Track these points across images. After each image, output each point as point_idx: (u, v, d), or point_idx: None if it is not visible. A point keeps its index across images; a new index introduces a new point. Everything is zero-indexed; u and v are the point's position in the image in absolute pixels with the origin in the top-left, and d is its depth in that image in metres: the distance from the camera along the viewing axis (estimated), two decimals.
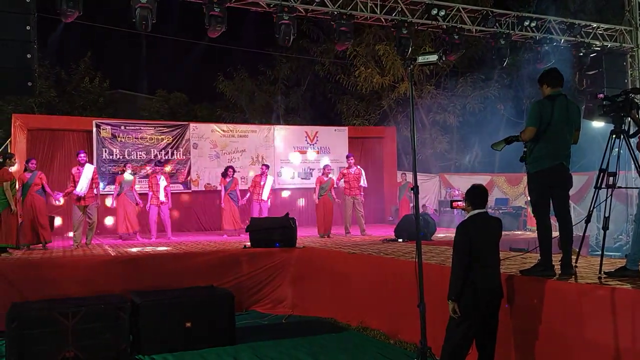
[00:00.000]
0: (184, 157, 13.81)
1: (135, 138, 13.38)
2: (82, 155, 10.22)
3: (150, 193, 11.31)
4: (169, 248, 9.35)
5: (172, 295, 7.05)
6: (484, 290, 4.34)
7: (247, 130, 14.91)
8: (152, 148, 13.51)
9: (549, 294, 4.53)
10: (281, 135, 15.09)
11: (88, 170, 9.97)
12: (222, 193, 11.94)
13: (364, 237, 11.07)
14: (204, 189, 13.94)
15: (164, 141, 13.66)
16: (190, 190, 13.76)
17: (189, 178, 13.78)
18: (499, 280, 4.50)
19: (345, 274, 7.81)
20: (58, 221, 11.89)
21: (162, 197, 11.16)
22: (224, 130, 14.51)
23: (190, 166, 13.81)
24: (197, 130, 14.13)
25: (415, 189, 4.83)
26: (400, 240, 9.64)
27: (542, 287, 4.58)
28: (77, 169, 10.02)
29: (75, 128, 13.42)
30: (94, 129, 13.03)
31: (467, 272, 4.31)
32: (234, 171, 12.08)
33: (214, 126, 14.63)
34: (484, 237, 4.43)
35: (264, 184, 12.05)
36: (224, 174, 11.99)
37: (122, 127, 13.38)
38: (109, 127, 13.23)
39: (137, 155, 13.34)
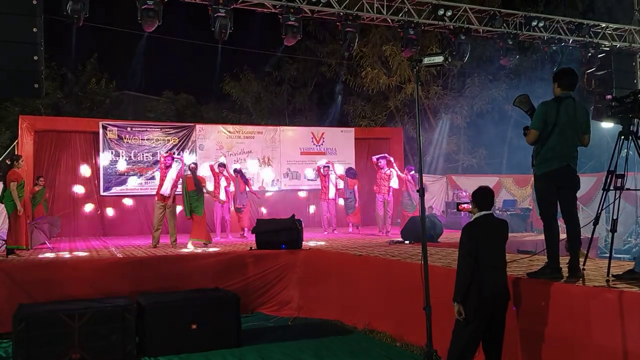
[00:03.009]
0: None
1: (141, 139, 13.45)
2: (168, 158, 10.48)
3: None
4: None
5: (178, 297, 7.08)
6: (490, 292, 4.33)
7: (254, 131, 14.96)
8: (159, 149, 13.55)
9: (556, 296, 4.51)
10: (287, 136, 15.12)
11: (174, 171, 10.26)
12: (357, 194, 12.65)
13: (378, 236, 11.47)
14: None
15: (170, 142, 13.72)
16: None
17: None
18: (505, 282, 4.50)
19: (351, 275, 7.81)
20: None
21: (222, 197, 11.57)
22: (230, 132, 14.55)
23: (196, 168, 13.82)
24: (203, 131, 14.19)
25: (420, 190, 4.83)
26: (407, 242, 9.63)
27: (549, 290, 4.57)
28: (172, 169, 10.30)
29: (82, 129, 13.50)
30: (101, 131, 13.11)
31: (473, 274, 4.31)
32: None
33: (220, 127, 14.69)
34: (490, 239, 4.42)
35: (329, 185, 12.67)
36: (355, 174, 12.89)
37: (129, 129, 13.45)
38: (116, 128, 13.30)
39: (143, 156, 13.41)
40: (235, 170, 12.08)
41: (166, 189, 10.06)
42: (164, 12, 9.55)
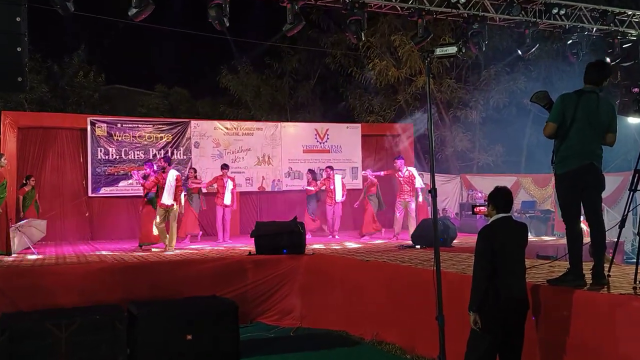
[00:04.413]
0: (185, 156, 13.90)
1: (132, 136, 13.50)
2: (161, 160, 10.78)
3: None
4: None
5: (172, 305, 7.10)
6: (508, 301, 4.33)
7: (253, 127, 14.98)
8: (151, 147, 13.61)
9: (579, 305, 4.51)
10: (289, 132, 15.14)
11: (171, 178, 10.26)
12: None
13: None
14: (205, 191, 14.01)
15: (164, 140, 13.76)
16: None
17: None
18: (524, 290, 4.50)
19: (358, 283, 7.82)
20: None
21: (227, 201, 11.87)
22: (227, 128, 14.58)
23: (191, 167, 13.86)
24: (198, 127, 14.23)
25: (433, 191, 4.84)
26: (418, 246, 9.64)
27: (571, 298, 4.57)
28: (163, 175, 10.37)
29: (69, 126, 13.55)
30: (89, 127, 13.15)
31: (490, 281, 4.31)
32: (313, 172, 13.15)
33: (216, 123, 14.72)
34: (508, 244, 4.42)
35: (334, 187, 12.63)
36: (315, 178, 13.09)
37: (119, 125, 13.49)
38: (105, 124, 13.35)
39: (134, 154, 13.44)
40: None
41: (166, 199, 10.11)
42: (158, 0, 9.55)
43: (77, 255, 9.56)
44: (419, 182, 12.23)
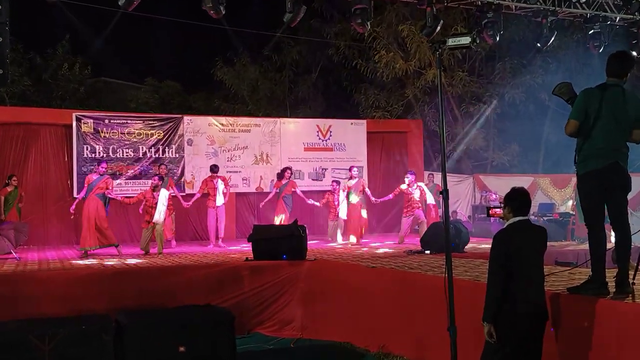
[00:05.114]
0: (177, 155, 13.91)
1: (121, 133, 13.51)
2: (155, 179, 10.95)
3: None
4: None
5: (163, 315, 7.11)
6: (525, 310, 4.32)
7: (250, 123, 15.00)
8: (141, 145, 13.62)
9: (602, 315, 4.50)
10: (289, 129, 15.14)
11: (163, 197, 10.46)
12: (270, 196, 12.64)
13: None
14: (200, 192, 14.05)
15: (154, 137, 13.77)
16: (184, 194, 13.80)
17: (182, 179, 13.87)
18: (542, 295, 4.49)
19: (363, 290, 7.81)
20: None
21: (219, 202, 11.90)
22: (222, 124, 14.59)
23: (184, 165, 13.90)
24: (192, 124, 14.24)
25: (444, 192, 4.83)
26: (428, 252, 9.65)
27: (593, 308, 4.56)
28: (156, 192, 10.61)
29: (53, 122, 13.57)
30: (74, 123, 13.16)
31: (505, 289, 4.30)
32: (291, 172, 12.83)
33: (211, 119, 14.73)
34: (525, 249, 4.41)
35: (338, 204, 12.61)
36: (280, 176, 12.75)
37: (106, 121, 13.51)
38: (91, 120, 13.36)
39: (123, 153, 13.45)
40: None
41: (157, 217, 10.29)
42: None
43: (62, 260, 9.56)
44: (430, 199, 12.49)
